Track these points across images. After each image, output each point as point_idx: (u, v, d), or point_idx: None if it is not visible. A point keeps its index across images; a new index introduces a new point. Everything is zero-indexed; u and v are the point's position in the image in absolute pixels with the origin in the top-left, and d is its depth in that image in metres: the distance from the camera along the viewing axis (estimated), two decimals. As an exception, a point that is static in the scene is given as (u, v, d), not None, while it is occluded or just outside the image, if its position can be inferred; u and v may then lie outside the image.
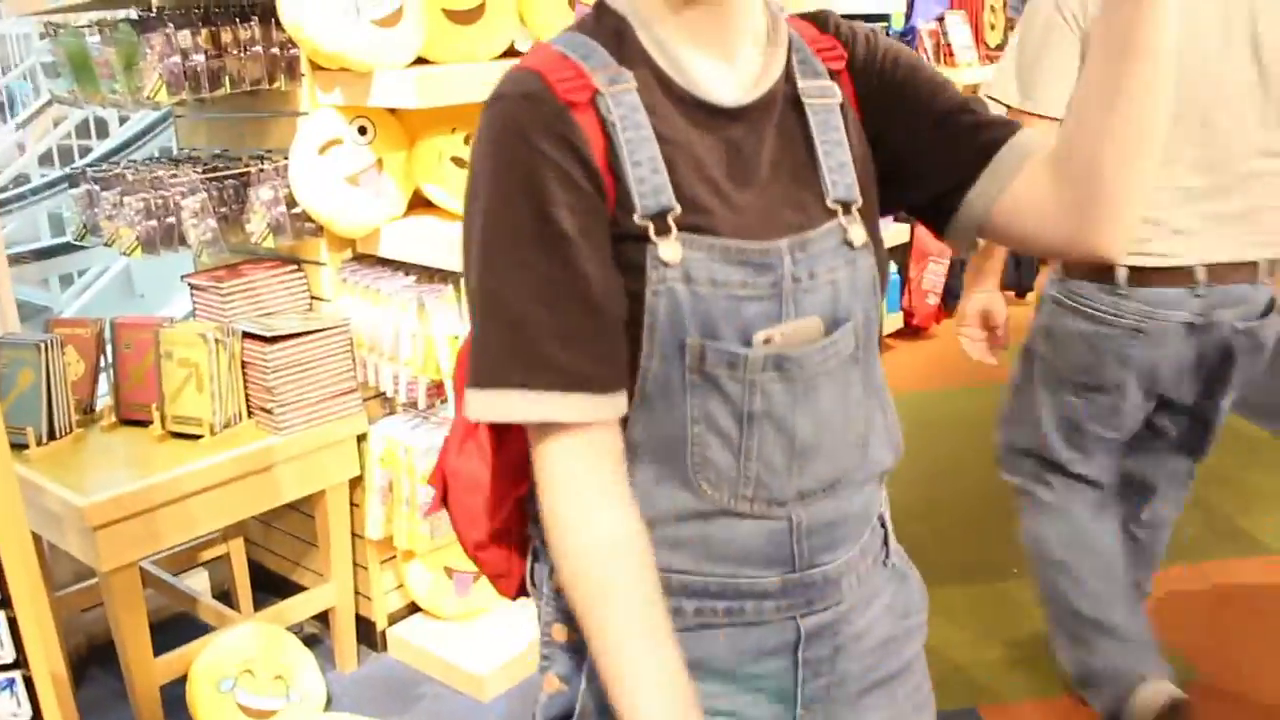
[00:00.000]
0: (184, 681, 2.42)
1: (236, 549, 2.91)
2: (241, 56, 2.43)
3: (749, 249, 1.01)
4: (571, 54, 1.03)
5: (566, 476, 0.99)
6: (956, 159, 1.12)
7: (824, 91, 1.10)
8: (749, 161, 1.05)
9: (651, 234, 0.98)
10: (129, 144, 5.41)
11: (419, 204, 2.56)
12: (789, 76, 1.10)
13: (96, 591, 2.64)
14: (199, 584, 3.05)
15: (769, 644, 1.09)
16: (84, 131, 6.49)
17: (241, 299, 2.58)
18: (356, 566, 2.76)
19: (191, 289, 2.69)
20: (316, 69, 2.46)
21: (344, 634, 2.76)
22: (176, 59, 2.37)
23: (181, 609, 2.86)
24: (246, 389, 2.52)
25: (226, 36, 2.42)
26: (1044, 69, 2.11)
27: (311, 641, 2.75)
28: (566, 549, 0.99)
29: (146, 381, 2.58)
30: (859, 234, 1.07)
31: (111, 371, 2.66)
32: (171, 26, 2.37)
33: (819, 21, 1.17)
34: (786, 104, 1.09)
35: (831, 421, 1.06)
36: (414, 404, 2.58)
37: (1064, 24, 2.09)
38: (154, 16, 2.43)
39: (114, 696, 2.57)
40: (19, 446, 2.38)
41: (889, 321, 5.01)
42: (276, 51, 2.45)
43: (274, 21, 2.41)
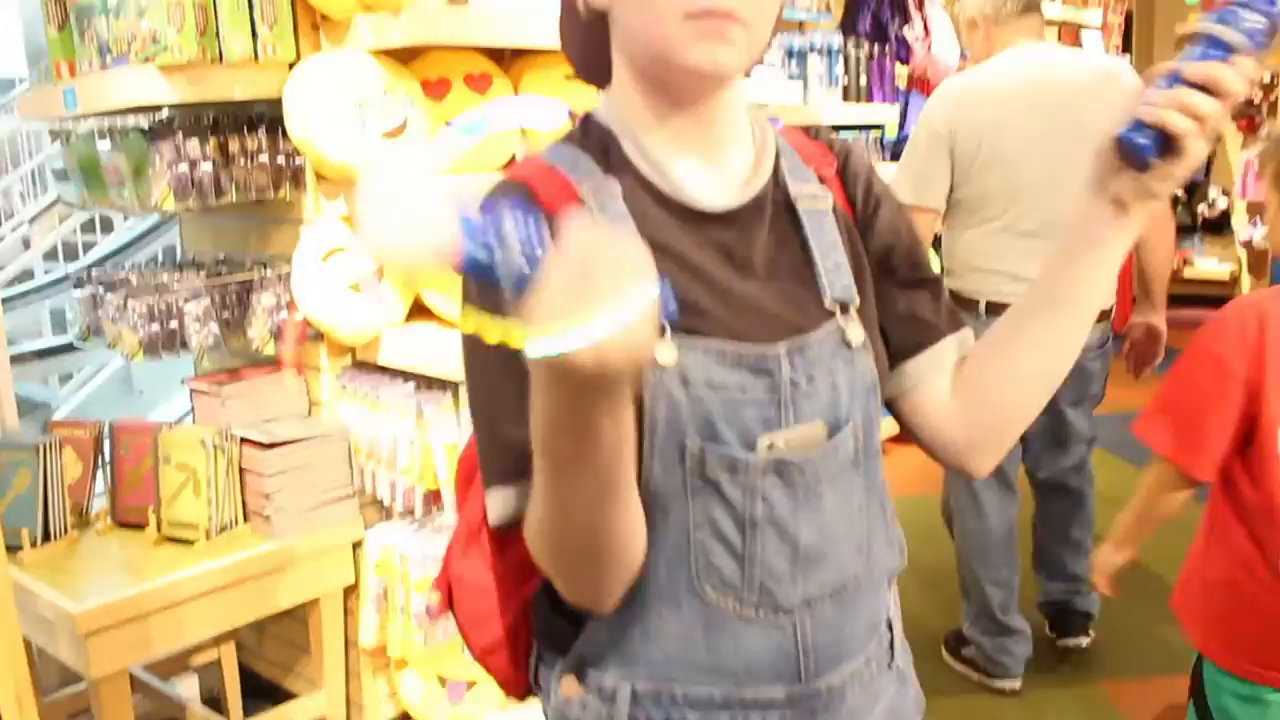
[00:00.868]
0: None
1: (228, 654, 2.87)
2: (248, 166, 2.47)
3: (746, 352, 1.02)
4: (558, 164, 1.06)
5: None
6: (902, 333, 1.17)
7: (815, 196, 1.12)
8: (742, 264, 1.06)
9: None
10: (133, 242, 5.46)
11: (419, 311, 2.58)
12: (778, 181, 1.11)
13: (85, 697, 2.61)
14: (189, 689, 3.01)
15: None
16: (89, 227, 6.55)
17: (241, 404, 2.59)
18: (349, 674, 2.73)
19: (191, 393, 2.70)
20: (321, 178, 2.51)
21: (335, 743, 2.72)
22: (184, 168, 2.41)
23: (170, 716, 2.82)
24: (243, 494, 2.52)
25: (234, 146, 2.46)
26: (928, 174, 2.84)
27: (302, 750, 2.71)
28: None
29: (143, 485, 2.57)
30: (857, 334, 1.08)
31: (109, 474, 2.66)
32: (181, 136, 2.42)
33: (809, 131, 1.21)
34: (778, 208, 1.10)
35: (835, 526, 1.06)
36: (411, 511, 2.57)
37: (940, 137, 2.80)
38: (164, 125, 2.48)
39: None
40: (13, 549, 2.37)
41: (889, 424, 5.00)
42: (283, 161, 2.50)
43: (281, 131, 2.45)
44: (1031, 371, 1.11)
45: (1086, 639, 3.22)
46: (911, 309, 1.17)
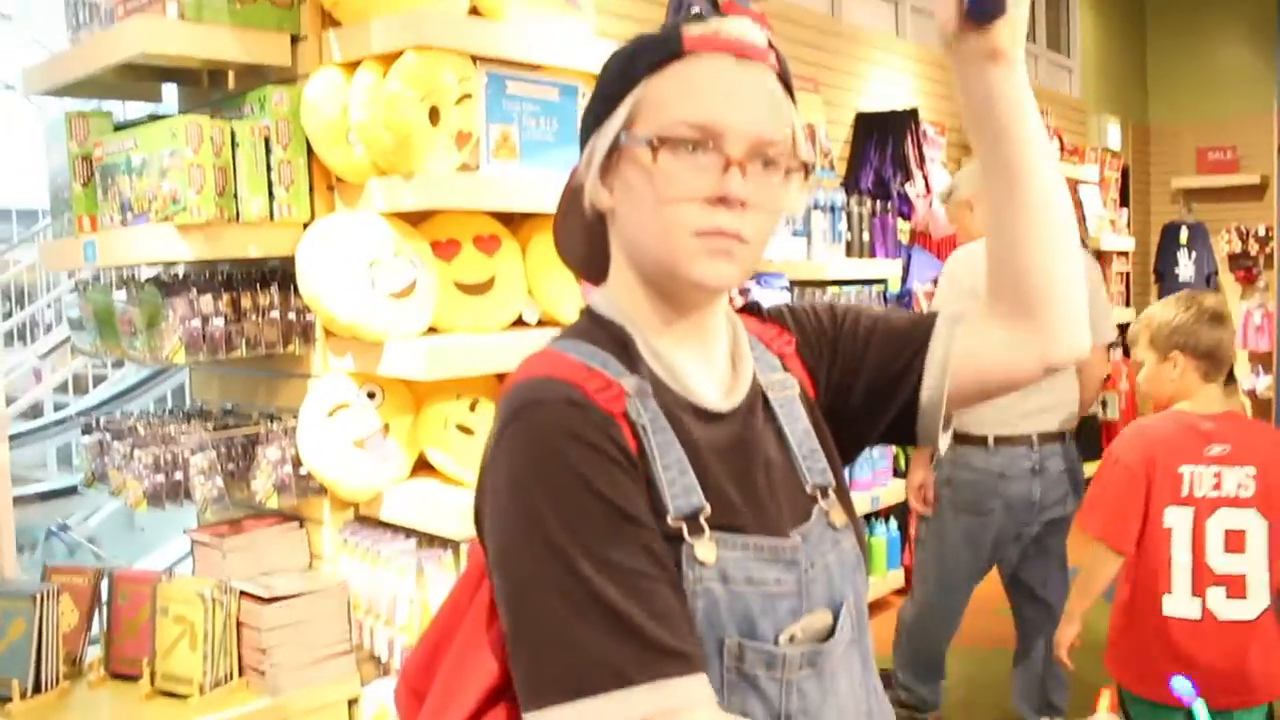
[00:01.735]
0: None
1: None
2: (259, 320, 2.52)
3: (780, 546, 1.05)
4: (593, 363, 1.06)
5: None
6: (902, 364, 1.20)
7: (783, 385, 1.17)
8: (751, 459, 1.10)
9: (686, 534, 1.00)
10: (144, 382, 5.52)
11: (422, 467, 2.60)
12: (754, 375, 1.16)
13: None
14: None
15: None
16: (100, 361, 6.62)
17: (241, 556, 2.58)
18: (339, 835, 2.67)
19: (193, 543, 2.70)
20: (330, 335, 2.55)
21: None
22: (197, 322, 2.46)
23: None
24: (240, 647, 2.50)
25: (246, 302, 2.52)
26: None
27: None
28: None
29: (140, 636, 2.56)
30: (840, 516, 1.12)
31: (105, 622, 2.65)
32: (194, 291, 2.47)
33: (757, 312, 1.26)
34: (761, 402, 1.15)
35: (847, 708, 1.08)
36: (407, 667, 2.54)
37: (964, 289, 3.38)
38: (179, 280, 2.54)
39: None
40: (2, 700, 2.35)
41: (891, 579, 4.99)
42: (293, 317, 2.55)
43: (293, 287, 2.51)
44: (1031, 224, 1.15)
45: None
46: (891, 338, 1.22)
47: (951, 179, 4.06)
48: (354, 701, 2.58)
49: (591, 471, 0.97)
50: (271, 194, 2.47)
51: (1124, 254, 8.15)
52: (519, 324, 2.68)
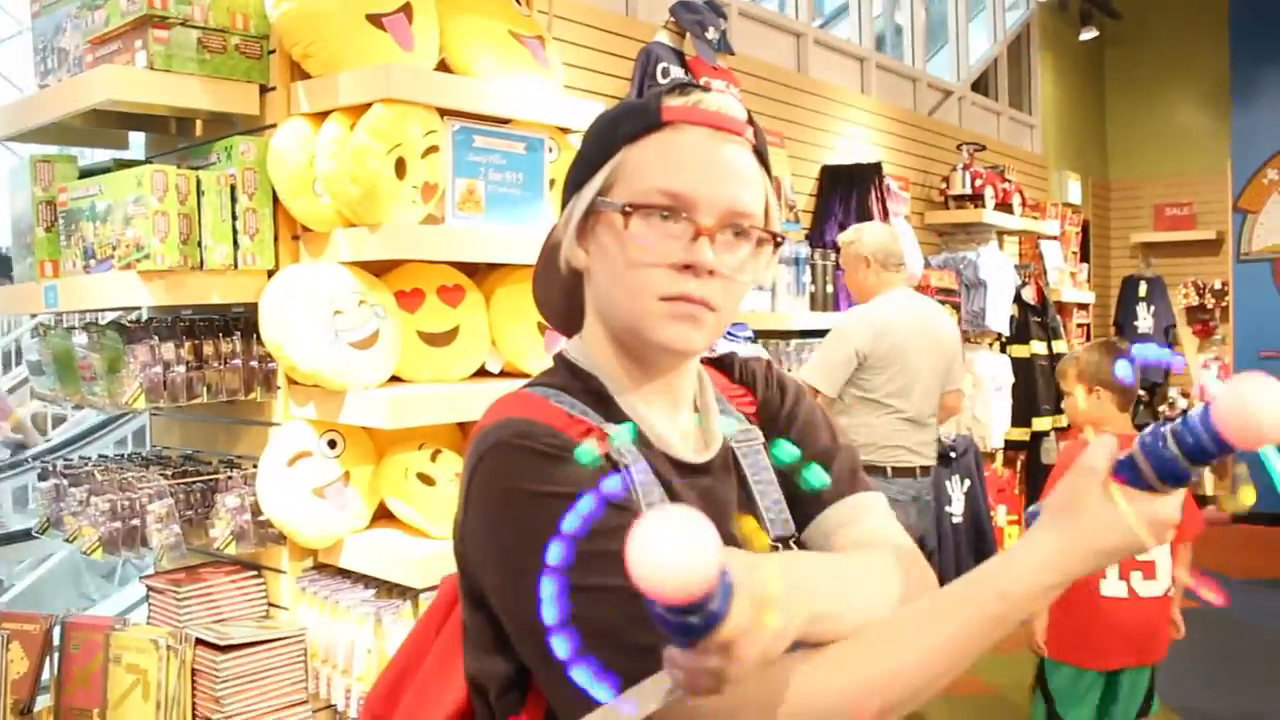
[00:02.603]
0: None
1: None
2: (221, 368, 2.52)
3: None
4: (572, 410, 1.10)
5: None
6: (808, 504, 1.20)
7: (748, 436, 1.20)
8: (724, 510, 1.13)
9: None
10: (104, 424, 5.47)
11: (382, 516, 2.59)
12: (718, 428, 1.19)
13: None
14: None
15: None
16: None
17: (198, 603, 2.56)
18: None
19: (149, 590, 2.68)
20: (292, 383, 2.55)
21: None
22: (158, 369, 2.45)
23: None
24: (194, 697, 2.47)
25: (208, 349, 2.51)
26: (838, 378, 3.92)
27: None
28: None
29: (91, 685, 2.53)
30: None
31: (56, 671, 2.61)
32: (156, 338, 2.47)
33: (726, 368, 1.29)
34: (731, 456, 1.18)
35: None
36: (363, 718, 2.53)
37: (852, 358, 3.90)
38: (140, 326, 2.53)
39: None
40: (-50, 751, 2.32)
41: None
42: (255, 364, 2.55)
43: (255, 336, 2.51)
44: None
45: None
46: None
47: (854, 229, 4.25)
48: (309, 753, 2.56)
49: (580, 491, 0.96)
50: (236, 242, 2.48)
51: (1084, 307, 8.27)
52: (482, 374, 2.69)
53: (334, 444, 2.51)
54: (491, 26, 2.70)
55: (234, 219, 2.48)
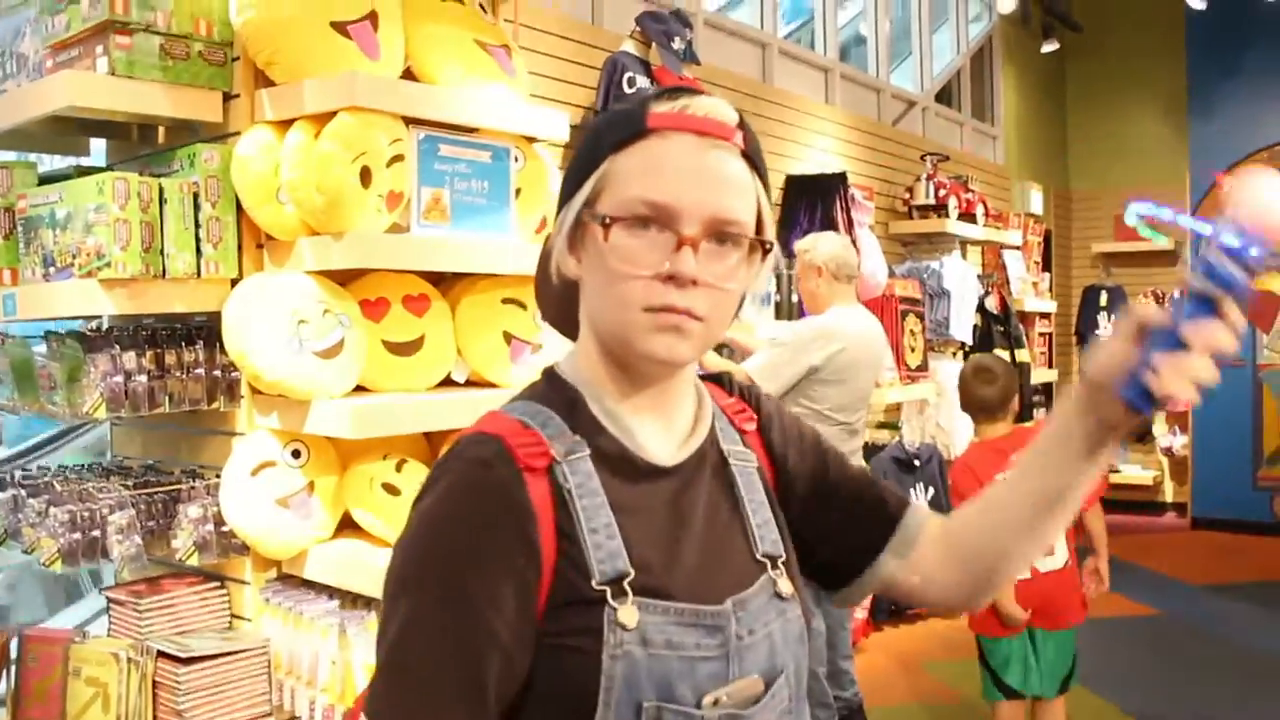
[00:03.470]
0: None
1: None
2: (184, 377, 2.50)
3: (702, 612, 1.05)
4: (531, 422, 1.10)
5: None
6: (865, 531, 1.23)
7: (743, 455, 1.20)
8: (686, 516, 1.11)
9: (609, 598, 1.02)
10: (64, 434, 5.39)
11: (347, 526, 2.58)
12: (714, 440, 1.18)
13: None
14: None
15: None
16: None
17: (160, 615, 2.53)
18: None
19: (109, 602, 2.65)
20: (256, 392, 2.53)
21: None
22: (119, 379, 2.43)
23: None
24: (155, 710, 2.44)
25: (171, 358, 2.49)
26: (787, 382, 3.90)
27: None
28: None
29: (49, 699, 2.49)
30: (786, 585, 1.13)
31: (13, 684, 2.58)
32: (117, 348, 2.44)
33: (724, 384, 1.29)
34: (714, 465, 1.17)
35: None
36: (328, 730, 2.51)
37: (804, 367, 3.89)
38: (101, 335, 2.51)
39: None
40: (-95, 768, 2.28)
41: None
42: (219, 374, 2.53)
43: (218, 345, 2.49)
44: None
45: None
46: (862, 511, 1.25)
47: (810, 238, 4.25)
48: (272, 765, 2.54)
49: (464, 535, 1.04)
50: (199, 251, 2.46)
51: (1046, 316, 8.34)
52: (448, 384, 2.68)
53: (298, 454, 2.50)
54: (457, 35, 2.69)
55: (197, 227, 2.46)
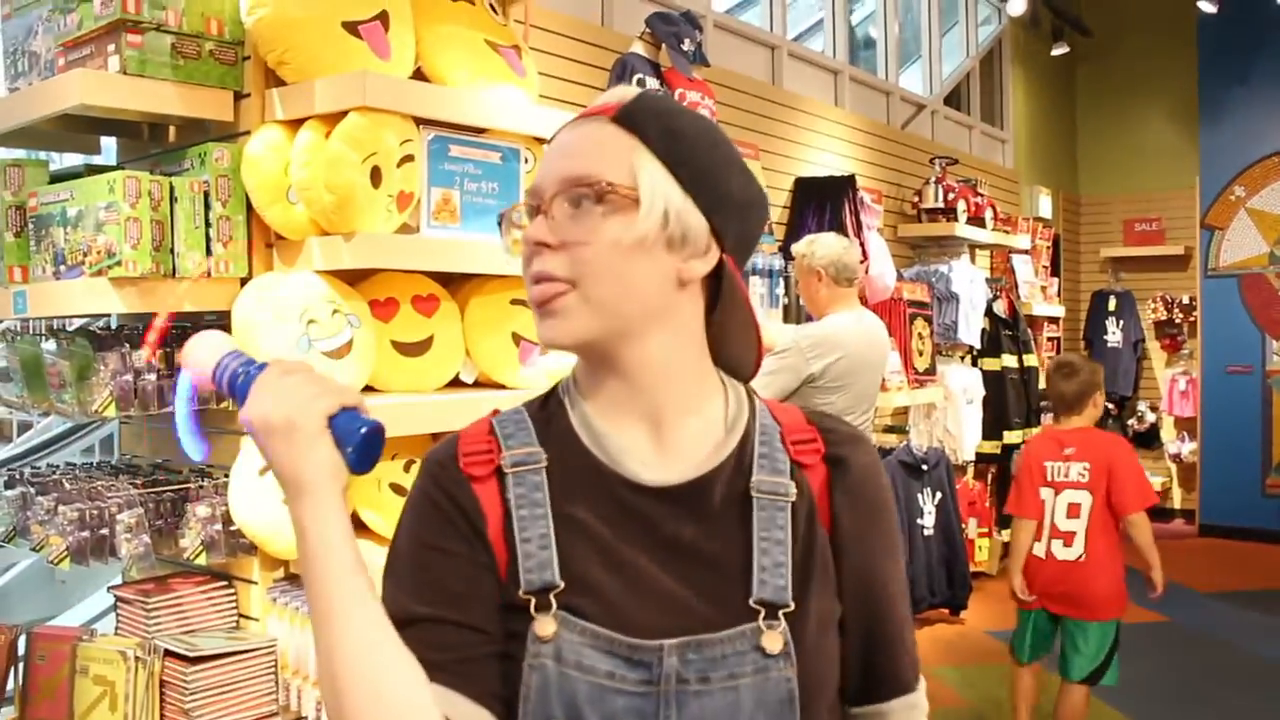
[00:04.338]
0: None
1: None
2: (193, 376, 2.49)
3: (619, 641, 1.01)
4: (498, 430, 1.11)
5: None
6: (852, 674, 1.13)
7: (777, 487, 1.08)
8: (665, 546, 1.05)
9: (532, 608, 1.02)
10: (72, 431, 5.40)
11: (355, 525, 2.57)
12: (744, 465, 1.09)
13: None
14: None
15: None
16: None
17: (167, 614, 2.53)
18: None
19: (117, 600, 2.65)
20: (265, 391, 2.53)
21: None
22: (129, 377, 2.43)
23: None
24: (162, 709, 2.45)
25: (180, 357, 2.48)
26: (787, 390, 3.87)
27: None
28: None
29: (57, 697, 2.49)
30: (776, 642, 1.02)
31: (21, 682, 2.58)
32: (128, 346, 2.44)
33: (812, 417, 1.17)
34: (731, 493, 1.08)
35: None
36: (334, 730, 2.50)
37: (801, 374, 3.86)
38: (111, 334, 2.51)
39: None
40: (-89, 764, 2.28)
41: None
42: (228, 373, 2.52)
43: (228, 344, 2.49)
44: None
45: None
46: (865, 660, 1.13)
47: (806, 241, 4.18)
48: (278, 765, 2.53)
49: (421, 519, 1.09)
50: (209, 250, 2.46)
51: (1055, 321, 8.33)
52: (456, 384, 2.68)
53: (306, 453, 2.49)
54: (468, 36, 2.69)
55: (207, 226, 2.46)
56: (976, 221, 6.77)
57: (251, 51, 2.51)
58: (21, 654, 2.60)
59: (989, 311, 6.76)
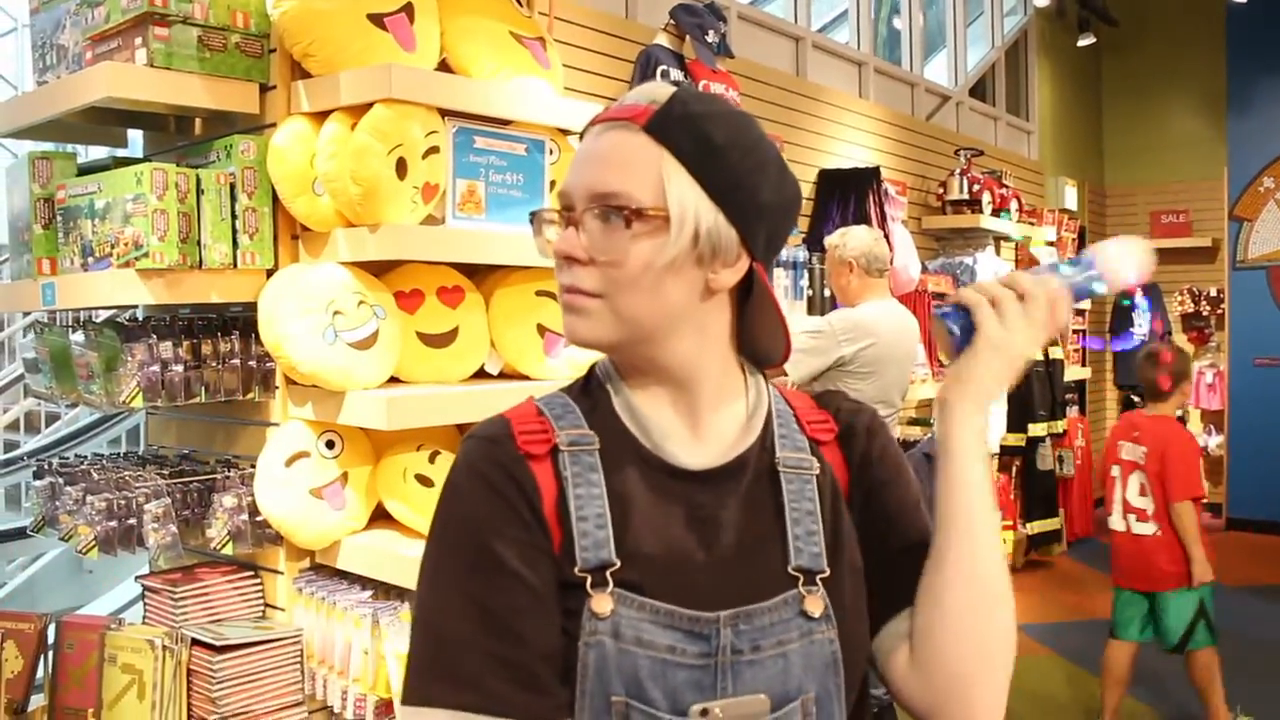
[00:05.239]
0: None
1: None
2: (220, 367, 2.51)
3: (680, 614, 1.03)
4: (547, 411, 1.12)
5: None
6: (881, 597, 1.15)
7: (801, 462, 1.14)
8: (707, 524, 1.09)
9: (588, 586, 1.02)
10: (99, 422, 5.45)
11: (380, 517, 2.58)
12: (767, 445, 1.14)
13: None
14: None
15: None
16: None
17: (194, 604, 2.55)
18: None
19: (144, 590, 2.67)
20: (290, 383, 2.54)
21: None
22: (156, 368, 2.44)
23: None
24: (190, 698, 2.46)
25: (207, 348, 2.50)
26: (816, 371, 3.88)
27: None
28: None
29: (86, 685, 2.51)
30: (817, 605, 1.06)
31: (50, 670, 2.60)
32: (155, 337, 2.45)
33: (820, 399, 1.23)
34: (760, 471, 1.13)
35: None
36: (360, 720, 2.52)
37: (831, 356, 3.89)
38: (139, 325, 2.52)
39: None
40: (-57, 750, 2.31)
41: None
42: (254, 364, 2.54)
43: (254, 336, 2.50)
44: (957, 605, 1.09)
45: None
46: (892, 576, 1.15)
47: (839, 233, 4.23)
48: (304, 754, 2.55)
49: (474, 504, 1.06)
50: (235, 241, 2.47)
51: (1080, 313, 8.28)
52: (481, 375, 2.68)
53: (332, 444, 2.51)
54: (493, 28, 2.69)
55: (233, 218, 2.47)
56: (1001, 213, 6.73)
57: (277, 44, 2.52)
58: (51, 643, 2.62)
59: (1013, 304, 6.70)
